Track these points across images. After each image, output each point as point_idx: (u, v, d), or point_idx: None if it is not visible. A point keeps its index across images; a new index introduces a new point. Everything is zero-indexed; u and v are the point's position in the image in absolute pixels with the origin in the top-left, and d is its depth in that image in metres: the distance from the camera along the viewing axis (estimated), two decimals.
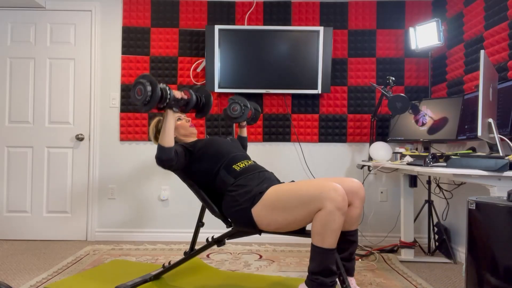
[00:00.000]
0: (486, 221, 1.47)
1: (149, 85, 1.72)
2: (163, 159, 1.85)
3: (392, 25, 3.38)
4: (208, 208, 2.01)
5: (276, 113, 3.40)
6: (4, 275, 2.41)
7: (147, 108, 1.74)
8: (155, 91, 1.71)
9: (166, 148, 1.84)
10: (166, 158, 1.85)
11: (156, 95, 1.72)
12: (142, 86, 1.72)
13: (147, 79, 1.73)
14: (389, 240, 3.28)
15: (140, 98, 1.72)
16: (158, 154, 1.85)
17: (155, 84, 1.72)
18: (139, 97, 1.73)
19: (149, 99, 1.72)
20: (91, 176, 3.37)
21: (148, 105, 1.74)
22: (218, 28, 3.20)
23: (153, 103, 1.73)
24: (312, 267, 1.64)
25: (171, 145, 1.85)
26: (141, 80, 1.73)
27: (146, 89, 1.71)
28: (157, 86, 1.73)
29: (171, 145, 1.86)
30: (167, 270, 2.24)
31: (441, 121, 2.72)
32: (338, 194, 1.59)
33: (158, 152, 1.85)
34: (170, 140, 1.85)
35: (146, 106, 1.74)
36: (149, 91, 1.71)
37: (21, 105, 3.36)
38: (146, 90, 1.71)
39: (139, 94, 1.73)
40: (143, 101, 1.72)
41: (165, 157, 1.84)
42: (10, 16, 3.36)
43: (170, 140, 1.85)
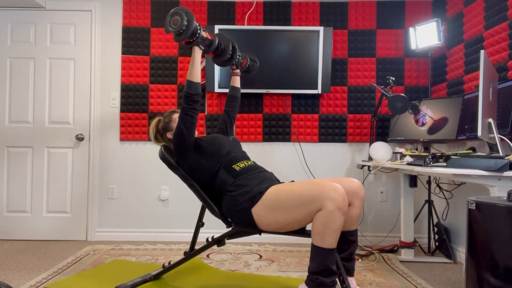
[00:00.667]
0: (486, 221, 1.47)
1: (186, 17, 1.79)
2: (192, 93, 1.91)
3: (392, 25, 3.38)
4: (208, 208, 2.01)
5: (276, 113, 3.40)
6: (4, 275, 2.41)
7: (180, 38, 1.82)
8: (191, 24, 1.79)
9: (194, 83, 1.91)
10: (195, 93, 1.91)
11: (190, 28, 1.80)
12: (179, 17, 1.80)
13: (185, 12, 1.81)
14: (389, 240, 3.28)
15: (176, 27, 1.80)
16: (187, 89, 1.91)
17: (192, 17, 1.80)
18: (174, 26, 1.81)
19: (184, 29, 1.80)
20: (91, 176, 3.37)
21: (181, 35, 1.81)
22: (218, 28, 3.20)
23: (185, 35, 1.81)
24: (312, 267, 1.64)
25: (198, 80, 1.93)
26: (180, 11, 1.81)
27: (183, 20, 1.78)
28: (194, 20, 1.80)
29: (199, 80, 1.93)
30: (167, 270, 2.24)
31: (441, 121, 2.72)
32: (339, 194, 1.59)
33: (187, 87, 1.91)
34: (198, 75, 1.93)
35: (180, 36, 1.82)
36: (185, 23, 1.79)
37: (21, 105, 3.36)
38: (183, 21, 1.78)
39: (175, 23, 1.81)
40: (178, 31, 1.80)
41: (194, 91, 1.91)
42: (10, 16, 3.36)
43: (198, 75, 1.93)
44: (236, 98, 2.43)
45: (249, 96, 3.35)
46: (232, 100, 2.42)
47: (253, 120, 3.39)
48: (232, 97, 2.42)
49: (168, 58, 3.37)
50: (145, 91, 3.37)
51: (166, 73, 3.37)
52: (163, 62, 3.37)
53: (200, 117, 3.36)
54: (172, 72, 3.37)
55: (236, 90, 2.43)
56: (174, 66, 3.38)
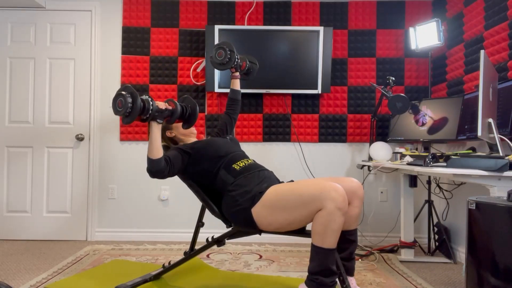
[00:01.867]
0: (486, 221, 1.47)
1: (130, 97, 1.70)
2: (153, 171, 1.83)
3: (392, 25, 3.38)
4: (208, 208, 2.01)
5: (276, 113, 3.40)
6: (4, 275, 2.41)
7: (129, 120, 1.72)
8: (136, 102, 1.70)
9: (154, 160, 1.82)
10: (156, 170, 1.83)
11: (136, 107, 1.70)
12: (122, 98, 1.70)
13: (127, 91, 1.72)
14: (389, 240, 3.28)
15: (121, 110, 1.71)
16: (149, 167, 1.83)
17: (136, 96, 1.71)
18: (120, 109, 1.72)
19: (130, 110, 1.70)
20: (91, 176, 3.37)
21: (129, 116, 1.72)
22: (218, 28, 3.20)
23: (134, 114, 1.71)
24: (312, 267, 1.64)
25: (159, 156, 1.82)
26: (122, 92, 1.72)
27: (126, 101, 1.69)
28: (138, 97, 1.71)
29: (159, 156, 1.82)
30: (167, 270, 2.24)
31: (441, 121, 2.72)
32: (339, 194, 1.59)
33: (148, 165, 1.83)
34: (157, 151, 1.82)
35: (128, 118, 1.72)
36: (129, 103, 1.69)
37: (21, 105, 3.36)
38: (127, 102, 1.69)
39: (119, 106, 1.72)
40: (124, 113, 1.71)
41: (154, 169, 1.82)
42: (10, 16, 3.36)
43: (157, 152, 1.82)
44: (236, 100, 2.43)
45: (249, 96, 3.35)
46: (232, 103, 2.43)
47: (253, 120, 3.39)
48: (233, 100, 2.43)
49: (168, 58, 3.37)
50: (145, 91, 3.37)
51: (166, 73, 3.37)
52: (163, 62, 3.37)
53: (200, 117, 3.37)
54: (172, 72, 3.37)
55: (236, 93, 2.43)
56: (174, 66, 3.38)
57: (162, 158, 1.83)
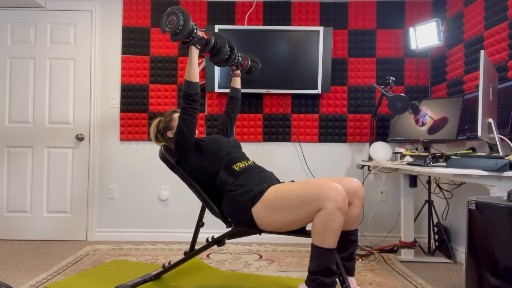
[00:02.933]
0: (486, 221, 1.47)
1: (182, 17, 1.79)
2: (192, 92, 1.91)
3: (392, 25, 3.38)
4: (208, 208, 2.01)
5: (276, 113, 3.40)
6: (4, 275, 2.41)
7: (177, 38, 1.82)
8: (188, 23, 1.80)
9: (192, 83, 1.91)
10: (194, 92, 1.92)
11: (187, 28, 1.80)
12: (175, 17, 1.80)
13: (181, 11, 1.81)
14: (389, 240, 3.28)
15: (172, 27, 1.80)
16: (185, 89, 1.91)
17: (188, 17, 1.80)
18: (170, 26, 1.81)
19: (180, 29, 1.80)
20: (91, 176, 3.37)
21: (178, 35, 1.81)
22: (218, 28, 3.20)
23: (182, 34, 1.80)
24: (312, 267, 1.64)
25: (197, 80, 1.93)
26: (176, 11, 1.81)
27: (179, 20, 1.78)
28: (190, 20, 1.81)
29: (197, 80, 1.93)
30: (167, 270, 2.24)
31: (441, 121, 2.72)
32: (339, 194, 1.59)
33: (186, 87, 1.91)
34: (196, 75, 1.92)
35: (176, 36, 1.82)
36: (181, 23, 1.79)
37: (21, 105, 3.36)
38: (179, 21, 1.78)
39: (171, 23, 1.81)
40: (175, 31, 1.80)
41: (193, 91, 1.91)
42: (10, 16, 3.36)
43: (196, 75, 1.92)
44: (236, 99, 2.42)
45: (249, 96, 3.35)
46: (232, 101, 2.42)
47: (253, 120, 3.39)
48: (233, 98, 2.41)
49: (168, 58, 3.37)
50: (145, 91, 3.37)
51: (166, 73, 3.37)
52: (163, 62, 3.37)
53: (200, 117, 3.37)
54: (172, 72, 3.37)
55: (236, 91, 2.42)
56: (174, 66, 3.37)
57: (198, 83, 1.94)
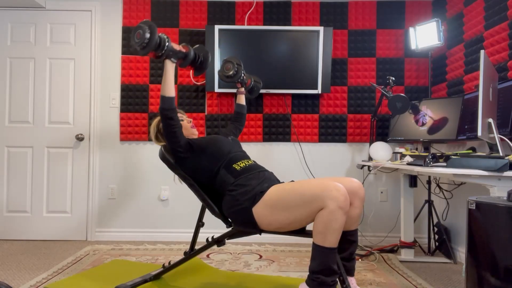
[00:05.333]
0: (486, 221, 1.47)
1: (148, 30, 1.77)
2: (166, 108, 1.89)
3: (392, 25, 3.38)
4: (208, 208, 2.01)
5: (276, 113, 3.40)
6: (4, 275, 2.41)
7: (144, 52, 1.79)
8: (153, 37, 1.77)
9: (167, 97, 1.89)
10: (168, 107, 1.89)
11: (153, 40, 1.77)
12: (141, 30, 1.78)
13: (147, 24, 1.79)
14: (389, 240, 3.28)
15: (138, 41, 1.78)
16: (161, 104, 1.90)
17: (154, 30, 1.78)
18: (137, 40, 1.79)
19: (146, 42, 1.77)
20: (91, 176, 3.37)
21: (145, 49, 1.78)
22: (218, 28, 3.20)
23: (149, 48, 1.78)
24: (313, 266, 1.64)
25: (171, 94, 1.90)
26: (141, 25, 1.80)
27: (145, 33, 1.76)
28: (156, 32, 1.78)
29: (172, 94, 1.90)
30: (167, 270, 2.24)
31: (441, 121, 2.72)
32: (340, 194, 1.59)
33: (161, 103, 1.90)
34: (170, 89, 1.90)
35: (143, 50, 1.79)
36: (147, 36, 1.76)
37: (21, 105, 3.36)
38: (145, 34, 1.76)
39: (137, 37, 1.79)
40: (141, 45, 1.78)
41: (167, 106, 1.89)
42: (10, 16, 3.36)
43: (170, 90, 1.90)
44: (242, 114, 2.53)
45: None
46: (238, 116, 2.53)
47: (253, 120, 3.39)
48: (239, 114, 2.53)
49: None
50: (145, 91, 3.37)
51: None
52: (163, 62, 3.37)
53: (200, 117, 3.37)
54: None
55: (242, 107, 2.53)
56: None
57: (174, 98, 1.92)
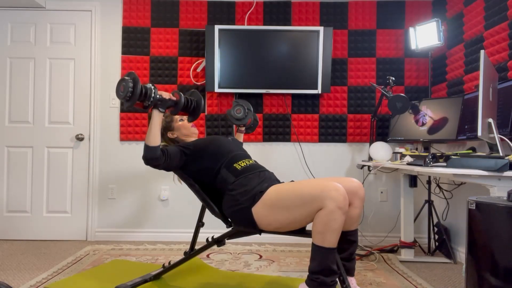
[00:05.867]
0: (486, 221, 1.47)
1: (131, 82, 1.78)
2: (148, 158, 1.87)
3: (392, 25, 3.38)
4: (208, 208, 2.01)
5: (276, 113, 3.40)
6: (4, 275, 2.41)
7: (129, 104, 1.80)
8: (136, 87, 1.78)
9: (150, 147, 1.86)
10: (151, 157, 1.87)
11: (136, 92, 1.77)
12: (125, 83, 1.79)
13: (130, 77, 1.80)
14: (389, 240, 3.28)
15: (122, 94, 1.79)
16: (144, 153, 1.87)
17: (137, 82, 1.79)
18: (121, 93, 1.80)
19: (130, 95, 1.78)
20: (91, 176, 3.37)
21: (129, 101, 1.79)
22: (218, 28, 3.20)
23: (134, 99, 1.78)
24: (312, 267, 1.64)
25: (156, 144, 1.87)
26: (125, 78, 1.81)
27: (127, 85, 1.77)
28: (138, 83, 1.79)
29: (156, 144, 1.87)
30: (167, 270, 2.24)
31: (441, 121, 2.72)
32: (340, 194, 1.59)
33: (144, 151, 1.87)
34: (154, 139, 1.87)
35: (128, 102, 1.79)
36: (130, 88, 1.77)
37: (21, 105, 3.36)
38: (128, 86, 1.77)
39: (122, 90, 1.80)
40: (125, 97, 1.78)
41: (149, 156, 1.87)
42: (10, 16, 3.36)
43: (154, 140, 1.87)
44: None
45: (249, 96, 3.35)
46: None
47: None
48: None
49: (168, 58, 3.37)
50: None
51: (166, 73, 3.37)
52: (163, 62, 3.37)
53: (200, 117, 3.37)
54: (172, 72, 3.37)
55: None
56: (174, 66, 3.37)
57: (158, 147, 1.88)
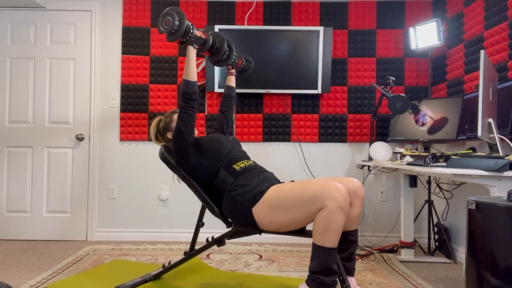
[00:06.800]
0: (486, 221, 1.47)
1: (177, 17, 1.82)
2: (190, 91, 1.93)
3: (392, 25, 3.38)
4: (208, 208, 2.01)
5: (276, 113, 3.40)
6: (4, 275, 2.41)
7: (172, 38, 1.84)
8: (183, 23, 1.82)
9: (191, 82, 1.93)
10: (192, 91, 1.93)
11: (182, 28, 1.83)
12: (171, 17, 1.82)
13: (176, 12, 1.83)
14: (389, 240, 3.28)
15: (168, 28, 1.83)
16: (184, 88, 1.93)
17: (183, 17, 1.83)
18: (166, 26, 1.83)
19: (176, 29, 1.82)
20: (91, 176, 3.37)
21: (174, 35, 1.84)
22: (218, 28, 3.20)
23: (177, 34, 1.83)
24: (313, 267, 1.64)
25: (194, 79, 1.94)
26: (171, 12, 1.84)
27: (174, 20, 1.81)
28: (185, 19, 1.83)
29: (195, 79, 1.95)
30: (167, 270, 2.24)
31: (441, 121, 2.72)
32: (340, 194, 1.59)
33: (184, 86, 1.93)
34: (194, 74, 1.94)
35: (172, 36, 1.84)
36: (176, 23, 1.81)
37: (21, 105, 3.36)
38: (174, 21, 1.81)
39: (167, 23, 1.83)
40: (170, 31, 1.82)
41: (191, 90, 1.93)
42: (10, 16, 3.36)
43: (194, 74, 1.94)
44: (231, 97, 2.46)
45: (249, 96, 3.35)
46: (227, 100, 2.45)
47: (253, 120, 3.39)
48: (227, 97, 2.45)
49: (168, 58, 3.37)
50: (145, 91, 3.37)
51: (166, 73, 3.37)
52: (163, 62, 3.37)
53: (200, 117, 3.37)
54: (172, 72, 3.37)
55: (231, 89, 2.46)
56: (174, 66, 3.37)
57: (196, 82, 1.95)
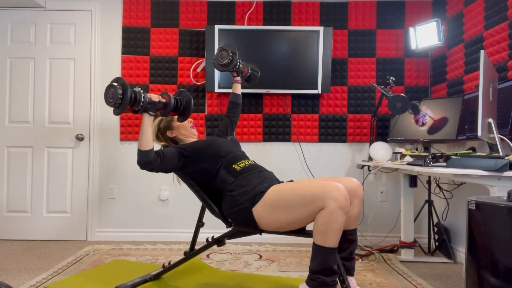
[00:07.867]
0: (486, 221, 1.47)
1: (120, 89, 1.75)
2: (142, 162, 1.84)
3: (392, 25, 3.38)
4: (208, 208, 2.01)
5: (276, 113, 3.40)
6: (4, 275, 2.41)
7: (119, 111, 1.77)
8: (126, 94, 1.75)
9: (143, 152, 1.83)
10: (144, 162, 1.84)
11: (126, 98, 1.74)
12: (113, 89, 1.75)
13: (118, 83, 1.76)
14: (389, 240, 3.28)
15: (112, 101, 1.76)
16: (138, 158, 1.85)
17: (126, 88, 1.75)
18: (110, 100, 1.76)
19: (119, 101, 1.75)
20: (91, 176, 3.37)
21: (119, 107, 1.76)
22: (218, 28, 3.20)
23: (124, 105, 1.75)
24: (313, 266, 1.64)
25: (148, 148, 1.83)
26: (113, 84, 1.77)
27: (117, 92, 1.73)
28: (128, 89, 1.75)
29: (149, 148, 1.84)
30: (167, 270, 2.24)
31: (441, 121, 2.72)
32: (341, 194, 1.60)
33: (138, 156, 1.85)
34: (147, 143, 1.84)
35: (118, 108, 1.76)
36: (119, 94, 1.74)
37: (21, 105, 3.36)
38: (117, 93, 1.73)
39: (110, 97, 1.76)
40: (114, 104, 1.75)
41: (143, 161, 1.84)
42: (10, 16, 3.36)
43: (147, 143, 1.83)
44: (237, 104, 2.47)
45: (249, 96, 3.35)
46: (233, 107, 2.47)
47: (253, 120, 3.39)
48: (234, 103, 2.46)
49: (168, 58, 3.37)
50: (145, 91, 3.36)
51: (166, 73, 3.37)
52: (163, 62, 3.37)
53: (200, 117, 3.37)
54: (172, 72, 3.37)
55: (237, 97, 2.47)
56: (174, 66, 3.38)
57: (151, 150, 1.85)
